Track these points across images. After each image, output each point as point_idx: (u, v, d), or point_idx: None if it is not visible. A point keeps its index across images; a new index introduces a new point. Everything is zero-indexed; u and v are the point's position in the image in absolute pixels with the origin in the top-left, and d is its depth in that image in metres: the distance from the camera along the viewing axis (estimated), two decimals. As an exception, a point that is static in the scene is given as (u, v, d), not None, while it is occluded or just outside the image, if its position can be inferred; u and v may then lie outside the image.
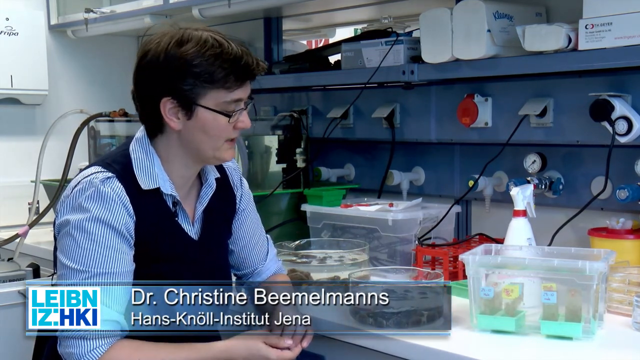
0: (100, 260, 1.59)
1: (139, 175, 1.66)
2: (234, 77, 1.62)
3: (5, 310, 2.50)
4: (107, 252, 1.59)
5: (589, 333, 1.62)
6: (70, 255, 1.59)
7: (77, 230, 1.59)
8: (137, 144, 1.71)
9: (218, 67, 1.60)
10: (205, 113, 1.64)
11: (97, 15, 3.21)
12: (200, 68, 1.60)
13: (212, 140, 1.67)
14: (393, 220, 2.26)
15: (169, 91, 1.62)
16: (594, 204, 2.14)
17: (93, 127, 3.11)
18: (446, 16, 2.28)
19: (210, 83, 1.61)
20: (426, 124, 2.61)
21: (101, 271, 1.58)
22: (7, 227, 3.08)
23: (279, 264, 2.00)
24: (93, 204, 1.60)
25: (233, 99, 1.64)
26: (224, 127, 1.66)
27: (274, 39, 3.29)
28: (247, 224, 1.91)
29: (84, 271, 1.58)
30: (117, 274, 1.60)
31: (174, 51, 1.61)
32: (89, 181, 1.62)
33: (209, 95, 1.63)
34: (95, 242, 1.59)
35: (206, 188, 1.78)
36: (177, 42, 1.62)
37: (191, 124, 1.65)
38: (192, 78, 1.61)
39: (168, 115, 1.64)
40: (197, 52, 1.60)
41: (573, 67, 2.07)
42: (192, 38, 1.62)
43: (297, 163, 2.75)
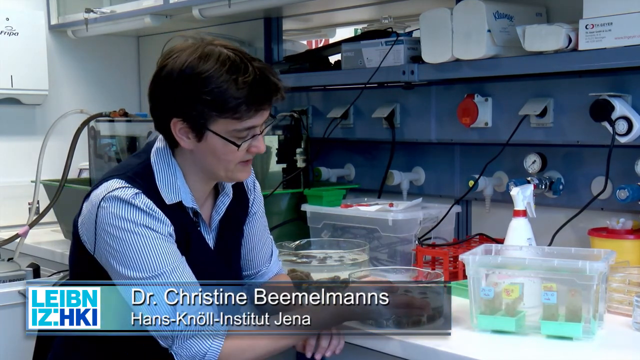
0: (166, 258, 1.57)
1: (162, 190, 1.64)
2: (246, 107, 1.57)
3: (5, 310, 2.50)
4: (166, 248, 1.58)
5: (589, 333, 1.62)
6: (136, 267, 1.56)
7: (126, 238, 1.56)
8: (158, 157, 1.67)
9: (230, 96, 1.55)
10: (215, 138, 1.59)
11: (97, 15, 3.21)
12: (211, 96, 1.54)
13: (223, 163, 1.63)
14: (393, 221, 2.26)
15: (180, 112, 1.58)
16: (594, 204, 2.14)
17: (93, 127, 3.11)
18: (446, 16, 2.28)
19: (220, 112, 1.56)
20: (426, 124, 2.61)
21: (173, 267, 1.57)
22: (7, 227, 3.08)
23: (279, 265, 2.00)
24: (134, 215, 1.57)
25: (244, 127, 1.59)
26: (235, 153, 1.62)
27: (274, 39, 3.28)
28: (257, 227, 1.90)
29: (159, 274, 1.56)
30: (184, 263, 1.60)
31: (188, 71, 1.55)
32: (117, 198, 1.58)
33: (219, 122, 1.58)
34: (152, 244, 1.57)
35: (223, 197, 1.77)
36: (194, 60, 1.56)
37: (202, 146, 1.61)
38: (202, 105, 1.56)
39: (179, 134, 1.61)
40: (209, 77, 1.54)
41: (573, 67, 2.07)
42: (209, 58, 1.56)
43: (297, 163, 2.74)
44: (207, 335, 1.55)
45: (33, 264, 2.81)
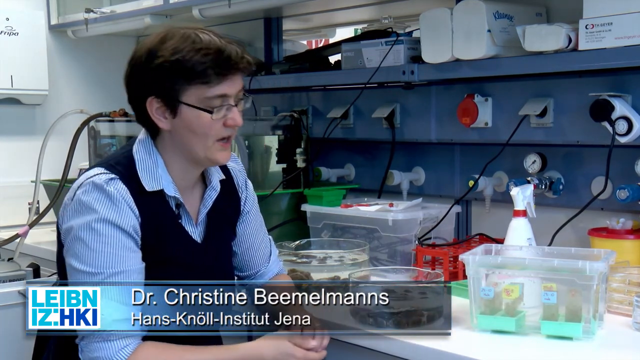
0: (113, 260, 1.58)
1: (142, 177, 1.65)
2: (213, 71, 1.59)
3: (5, 310, 2.50)
4: (119, 251, 1.58)
5: (589, 333, 1.62)
6: (83, 259, 1.58)
7: (86, 233, 1.58)
8: (141, 145, 1.69)
9: (196, 61, 1.57)
10: (188, 110, 1.61)
11: (97, 15, 3.21)
12: (178, 64, 1.58)
13: (201, 139, 1.63)
14: (393, 220, 2.26)
15: (153, 90, 1.61)
16: (594, 204, 2.14)
17: (93, 127, 3.11)
18: (446, 16, 2.28)
19: (189, 79, 1.59)
20: (426, 124, 2.61)
21: (115, 271, 1.58)
22: (7, 227, 3.08)
23: (280, 265, 2.00)
24: (99, 204, 1.59)
25: (215, 94, 1.61)
26: (210, 125, 1.62)
27: (274, 39, 3.28)
28: (252, 226, 1.90)
29: (99, 273, 1.57)
30: (131, 272, 1.59)
31: (154, 49, 1.60)
32: (92, 182, 1.61)
33: (190, 91, 1.60)
34: (104, 243, 1.58)
35: (210, 191, 1.77)
36: (160, 40, 1.61)
37: (177, 122, 1.63)
38: (171, 75, 1.58)
39: (155, 115, 1.63)
40: (176, 49, 1.58)
41: (573, 67, 2.07)
42: (174, 36, 1.60)
43: (297, 163, 2.74)
44: (113, 344, 1.55)
45: (33, 264, 2.81)
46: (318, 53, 3.02)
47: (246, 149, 2.59)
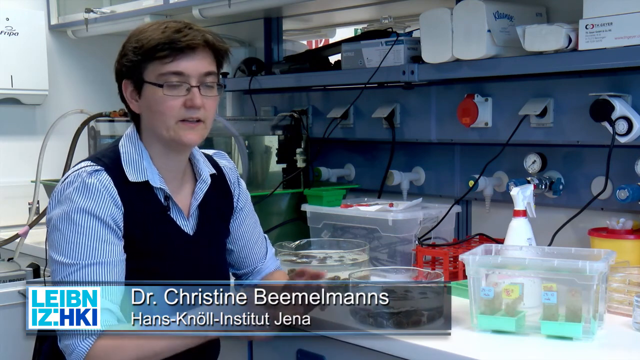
0: (87, 252, 1.58)
1: (126, 168, 1.67)
2: (168, 47, 1.63)
3: (5, 310, 2.50)
4: (94, 243, 1.59)
5: (589, 333, 1.62)
6: (58, 249, 1.60)
7: (62, 222, 1.60)
8: (127, 139, 1.73)
9: (152, 39, 1.63)
10: (148, 88, 1.66)
11: (97, 15, 3.21)
12: (138, 43, 1.65)
13: (160, 118, 1.66)
14: (393, 220, 2.26)
15: (124, 73, 1.68)
16: (594, 204, 2.14)
17: (93, 127, 3.11)
18: (446, 16, 2.28)
19: (144, 55, 1.64)
20: (426, 124, 2.61)
21: (89, 262, 1.58)
22: (7, 227, 3.08)
23: (277, 263, 2.00)
24: (78, 195, 1.61)
25: (169, 70, 1.63)
26: (165, 102, 1.64)
27: (274, 39, 3.28)
28: (246, 223, 1.92)
29: (73, 264, 1.58)
30: (106, 264, 1.59)
31: (129, 37, 1.68)
32: (76, 174, 1.64)
33: (149, 69, 1.65)
34: (80, 233, 1.59)
35: (200, 183, 1.79)
36: (136, 30, 1.69)
37: (143, 104, 1.68)
38: (132, 53, 1.65)
39: (129, 98, 1.69)
40: (141, 31, 1.66)
41: (573, 67, 2.07)
42: (153, 24, 1.68)
43: (297, 163, 2.74)
44: (78, 335, 1.55)
45: (33, 264, 2.82)
46: (318, 53, 3.02)
47: (246, 149, 2.59)
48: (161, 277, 1.69)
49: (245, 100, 3.24)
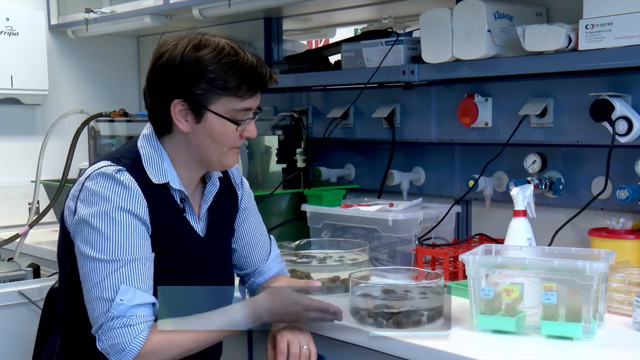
0: (129, 247, 1.59)
1: (148, 170, 1.68)
2: (247, 87, 1.65)
3: (5, 310, 2.50)
4: (134, 238, 1.60)
5: (589, 333, 1.62)
6: (98, 247, 1.58)
7: (99, 221, 1.59)
8: (145, 141, 1.72)
9: (232, 74, 1.63)
10: (215, 119, 1.65)
11: (97, 15, 3.21)
12: (214, 74, 1.62)
13: (218, 146, 1.69)
14: (393, 220, 2.26)
15: (182, 94, 1.64)
16: (594, 204, 2.14)
17: (93, 127, 3.11)
18: (446, 16, 2.28)
19: (223, 90, 1.63)
20: (426, 124, 2.61)
21: (131, 258, 1.59)
22: (7, 227, 3.07)
23: (281, 265, 2.00)
24: (112, 193, 1.61)
25: (243, 107, 1.67)
26: (231, 135, 1.68)
27: (274, 39, 3.28)
28: (248, 222, 1.93)
29: (116, 260, 1.58)
30: (145, 259, 1.61)
31: (190, 55, 1.63)
32: (101, 173, 1.63)
33: (221, 101, 1.65)
34: (120, 231, 1.59)
35: (210, 186, 1.81)
36: (195, 46, 1.63)
37: (199, 127, 1.67)
38: (206, 83, 1.63)
39: (178, 116, 1.66)
40: (213, 58, 1.62)
41: (573, 67, 2.07)
42: (209, 44, 1.64)
43: (297, 163, 2.74)
44: (132, 329, 1.55)
45: (33, 264, 2.81)
46: (318, 53, 3.02)
47: (246, 149, 2.59)
48: (176, 276, 1.71)
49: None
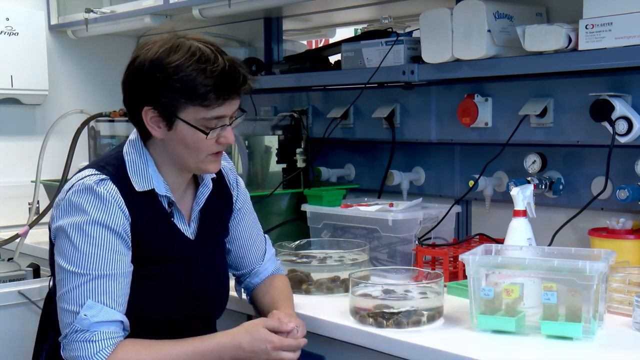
0: (99, 263, 1.58)
1: (132, 178, 1.66)
2: (215, 95, 1.60)
3: (5, 310, 2.50)
4: (106, 253, 1.59)
5: (589, 333, 1.62)
6: (69, 259, 1.59)
7: (74, 233, 1.59)
8: (131, 146, 1.71)
9: (200, 83, 1.58)
10: (185, 127, 1.62)
11: (97, 15, 3.21)
12: (180, 83, 1.58)
13: (193, 153, 1.66)
14: (393, 220, 2.26)
15: (151, 101, 1.62)
16: (594, 204, 2.14)
17: (93, 127, 3.11)
18: (446, 16, 2.28)
19: (189, 100, 1.59)
20: (426, 124, 2.61)
21: (101, 273, 1.58)
22: (7, 227, 3.07)
23: (277, 264, 2.00)
24: (89, 206, 1.60)
25: (213, 116, 1.62)
26: (204, 142, 1.64)
27: (274, 39, 3.28)
28: (244, 223, 1.92)
29: (84, 274, 1.57)
30: (116, 275, 1.60)
31: (158, 62, 1.59)
32: (82, 183, 1.62)
33: (189, 110, 1.61)
34: (93, 245, 1.58)
35: (202, 188, 1.79)
36: (166, 51, 1.60)
37: (172, 135, 1.64)
38: (172, 92, 1.59)
39: (150, 123, 1.64)
40: (181, 65, 1.58)
41: (573, 67, 2.07)
42: (180, 49, 1.60)
43: (297, 163, 2.74)
44: (94, 345, 1.55)
45: (33, 264, 2.81)
46: (318, 53, 3.02)
47: (246, 149, 2.59)
48: (165, 282, 1.70)
49: (245, 100, 3.23)
